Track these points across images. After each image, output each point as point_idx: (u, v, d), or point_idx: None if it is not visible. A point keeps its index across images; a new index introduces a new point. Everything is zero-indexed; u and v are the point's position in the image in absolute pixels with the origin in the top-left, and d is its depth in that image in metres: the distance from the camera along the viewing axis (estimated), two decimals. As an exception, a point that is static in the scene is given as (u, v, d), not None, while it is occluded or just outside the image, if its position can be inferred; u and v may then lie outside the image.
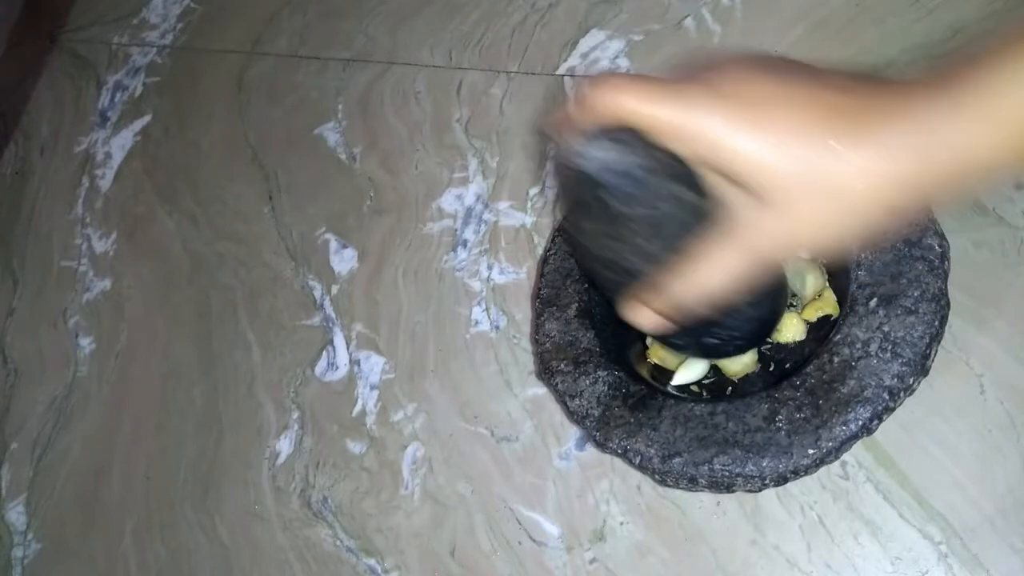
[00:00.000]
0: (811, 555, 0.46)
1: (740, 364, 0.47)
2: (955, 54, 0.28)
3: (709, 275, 0.32)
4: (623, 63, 0.64)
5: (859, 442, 0.39)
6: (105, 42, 0.89)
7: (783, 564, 0.46)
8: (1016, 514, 0.43)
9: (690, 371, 0.49)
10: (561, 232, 0.51)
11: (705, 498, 0.49)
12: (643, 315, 0.37)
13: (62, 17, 0.93)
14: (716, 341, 0.42)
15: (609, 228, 0.34)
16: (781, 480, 0.39)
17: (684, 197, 0.32)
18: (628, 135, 0.31)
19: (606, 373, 0.44)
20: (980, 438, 0.45)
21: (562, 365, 0.45)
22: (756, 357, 0.47)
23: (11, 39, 0.89)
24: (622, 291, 0.38)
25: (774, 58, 0.31)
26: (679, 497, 0.50)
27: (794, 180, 0.29)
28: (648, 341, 0.50)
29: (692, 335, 0.41)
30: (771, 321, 0.44)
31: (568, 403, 0.44)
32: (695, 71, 0.31)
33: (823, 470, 0.44)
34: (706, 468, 0.39)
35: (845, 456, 0.45)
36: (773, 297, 0.42)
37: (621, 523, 0.50)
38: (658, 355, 0.49)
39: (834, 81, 0.29)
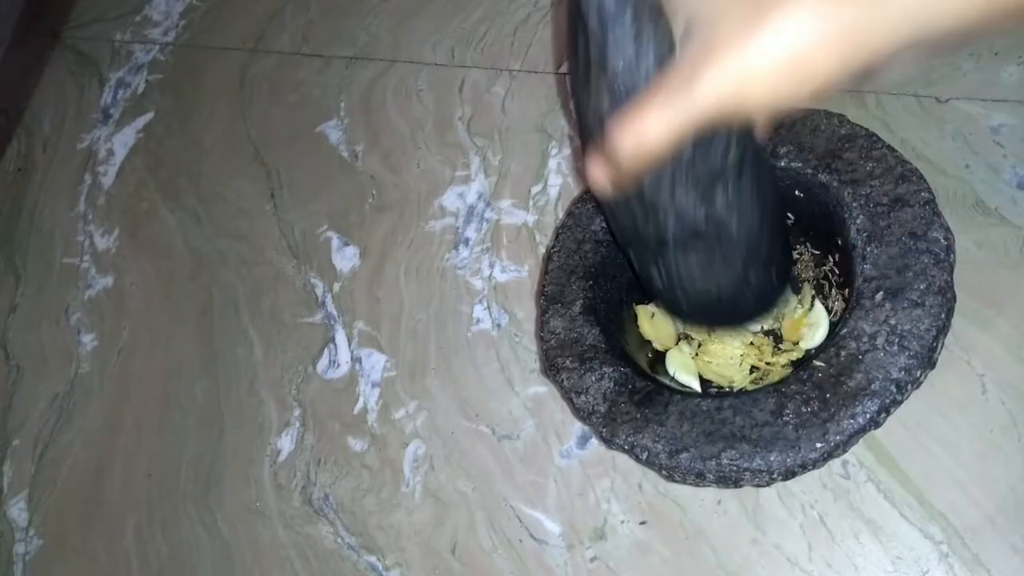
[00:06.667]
0: (812, 554, 0.46)
1: (732, 373, 0.47)
2: None
3: (649, 119, 0.31)
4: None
5: (860, 442, 0.39)
6: (108, 39, 0.89)
7: (784, 563, 0.46)
8: (1017, 514, 0.43)
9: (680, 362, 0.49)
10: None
11: (706, 497, 0.49)
12: (599, 172, 0.35)
13: (65, 14, 0.93)
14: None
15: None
16: (789, 474, 0.39)
17: None
18: None
19: (611, 369, 0.44)
20: (981, 438, 0.45)
21: (567, 362, 0.45)
22: (747, 374, 0.48)
23: (14, 36, 0.89)
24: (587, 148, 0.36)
25: None
26: (680, 496, 0.50)
27: (719, 7, 0.29)
28: (639, 310, 0.50)
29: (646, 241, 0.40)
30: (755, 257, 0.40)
31: (574, 400, 0.44)
32: None
33: (824, 469, 0.44)
34: (713, 463, 0.39)
35: (846, 455, 0.45)
36: (756, 213, 0.38)
37: (622, 521, 0.50)
38: (647, 331, 0.50)
39: None
